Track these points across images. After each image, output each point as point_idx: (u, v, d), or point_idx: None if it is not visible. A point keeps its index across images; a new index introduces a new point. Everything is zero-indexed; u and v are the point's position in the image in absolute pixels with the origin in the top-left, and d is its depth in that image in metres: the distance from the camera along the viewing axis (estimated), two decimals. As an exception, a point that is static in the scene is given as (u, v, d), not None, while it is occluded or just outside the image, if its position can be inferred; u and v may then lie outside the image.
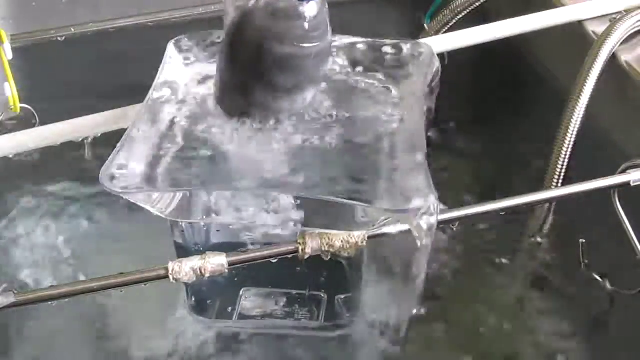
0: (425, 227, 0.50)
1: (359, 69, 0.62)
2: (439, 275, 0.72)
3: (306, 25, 0.52)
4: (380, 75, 0.62)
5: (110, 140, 0.57)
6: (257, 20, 0.53)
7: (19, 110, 0.72)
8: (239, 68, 0.55)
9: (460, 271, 0.72)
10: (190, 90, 0.61)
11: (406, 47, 0.63)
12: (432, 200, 0.48)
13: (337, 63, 0.62)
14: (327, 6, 0.54)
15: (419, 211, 0.49)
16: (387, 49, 0.63)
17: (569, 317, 0.67)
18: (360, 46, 0.63)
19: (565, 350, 0.65)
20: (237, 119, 0.57)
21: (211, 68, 0.60)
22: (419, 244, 0.51)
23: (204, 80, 0.61)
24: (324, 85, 0.58)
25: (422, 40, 0.69)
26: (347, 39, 0.63)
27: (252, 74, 0.54)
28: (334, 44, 0.62)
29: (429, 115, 0.61)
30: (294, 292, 0.67)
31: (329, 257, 0.53)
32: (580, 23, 0.76)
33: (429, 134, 0.58)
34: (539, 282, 0.70)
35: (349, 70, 0.62)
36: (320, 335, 0.66)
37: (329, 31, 0.54)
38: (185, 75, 0.62)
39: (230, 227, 0.62)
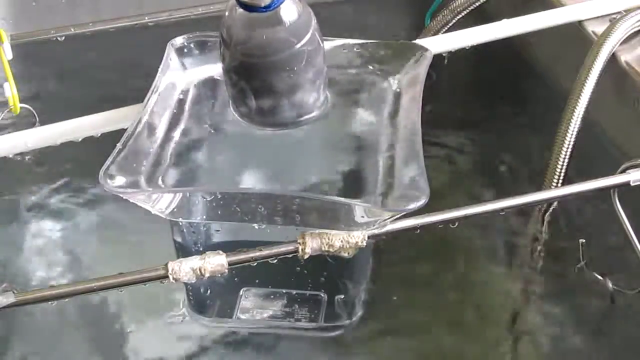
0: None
1: (357, 69, 0.62)
2: (438, 272, 0.72)
3: (284, 32, 0.52)
4: (378, 76, 0.62)
5: (110, 140, 0.57)
6: (234, 33, 0.53)
7: (19, 110, 0.72)
8: (231, 78, 0.55)
9: (459, 270, 0.72)
10: (189, 91, 0.61)
11: (404, 48, 0.63)
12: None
13: (335, 63, 0.62)
14: (307, 7, 0.54)
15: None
16: (385, 50, 0.63)
17: (569, 317, 0.67)
18: (358, 47, 0.63)
19: (565, 350, 0.65)
20: (238, 120, 0.57)
21: (211, 68, 0.60)
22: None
23: (203, 80, 0.61)
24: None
25: (421, 41, 0.69)
26: (344, 40, 0.63)
27: (243, 83, 0.55)
28: (332, 45, 0.62)
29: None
30: (294, 292, 0.67)
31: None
32: (580, 23, 0.76)
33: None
34: (538, 282, 0.70)
35: (347, 71, 0.62)
36: (320, 335, 0.66)
37: (313, 31, 0.53)
38: (185, 75, 0.62)
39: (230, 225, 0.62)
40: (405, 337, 0.67)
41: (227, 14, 0.53)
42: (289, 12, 0.52)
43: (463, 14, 0.87)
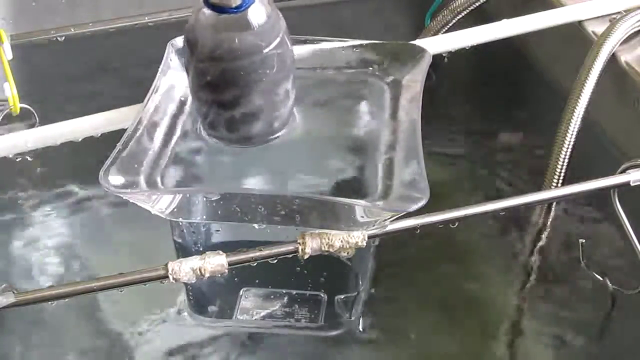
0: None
1: (357, 70, 0.62)
2: (438, 273, 0.72)
3: (252, 35, 0.50)
4: (378, 77, 0.62)
5: (110, 140, 0.57)
6: (201, 37, 0.51)
7: (19, 110, 0.72)
8: (197, 90, 0.54)
9: (459, 271, 0.72)
10: (189, 91, 0.61)
11: (404, 49, 0.63)
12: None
13: (335, 64, 0.62)
14: (276, 9, 0.52)
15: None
16: (385, 51, 0.63)
17: (569, 317, 0.67)
18: (358, 48, 0.63)
19: (565, 350, 0.65)
20: None
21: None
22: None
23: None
24: (320, 85, 0.58)
25: (421, 41, 0.69)
26: (344, 41, 0.63)
27: (211, 94, 0.53)
28: (331, 45, 0.62)
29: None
30: (294, 292, 0.67)
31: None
32: (580, 23, 0.76)
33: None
34: (538, 282, 0.70)
35: (347, 71, 0.62)
36: (320, 335, 0.66)
37: (282, 34, 0.52)
38: (185, 75, 0.62)
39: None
40: (406, 337, 0.67)
41: (193, 17, 0.51)
42: (258, 14, 0.51)
43: (463, 14, 0.87)
